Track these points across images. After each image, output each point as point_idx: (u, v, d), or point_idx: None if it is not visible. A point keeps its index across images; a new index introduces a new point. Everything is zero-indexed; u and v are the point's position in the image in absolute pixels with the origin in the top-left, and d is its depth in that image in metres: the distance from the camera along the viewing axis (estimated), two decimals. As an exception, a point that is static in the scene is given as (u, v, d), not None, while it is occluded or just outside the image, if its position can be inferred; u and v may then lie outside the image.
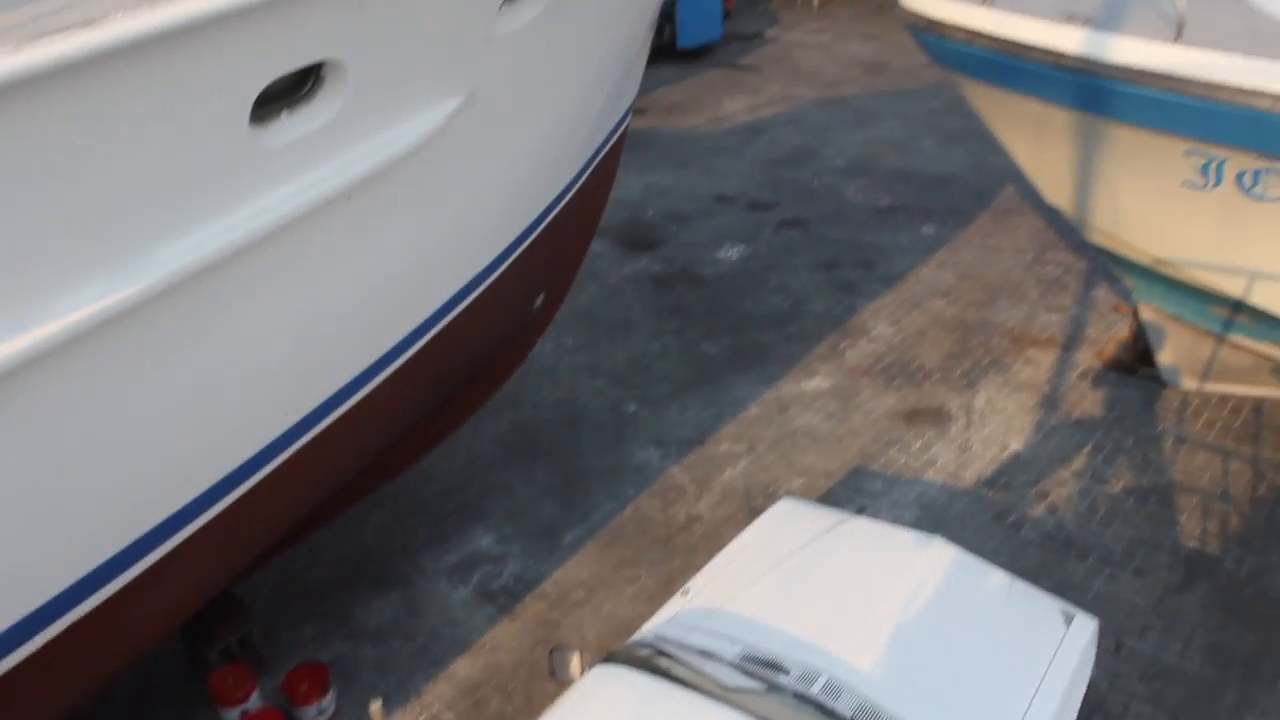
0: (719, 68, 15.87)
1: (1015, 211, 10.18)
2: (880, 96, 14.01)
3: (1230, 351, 6.49)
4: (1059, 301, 8.56)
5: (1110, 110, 5.10)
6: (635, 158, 11.95)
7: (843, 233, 9.97)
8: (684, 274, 9.27)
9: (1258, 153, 4.77)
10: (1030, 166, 6.22)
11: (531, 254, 5.18)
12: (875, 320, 8.39)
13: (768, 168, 11.72)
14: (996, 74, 5.49)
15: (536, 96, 4.25)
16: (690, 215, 10.50)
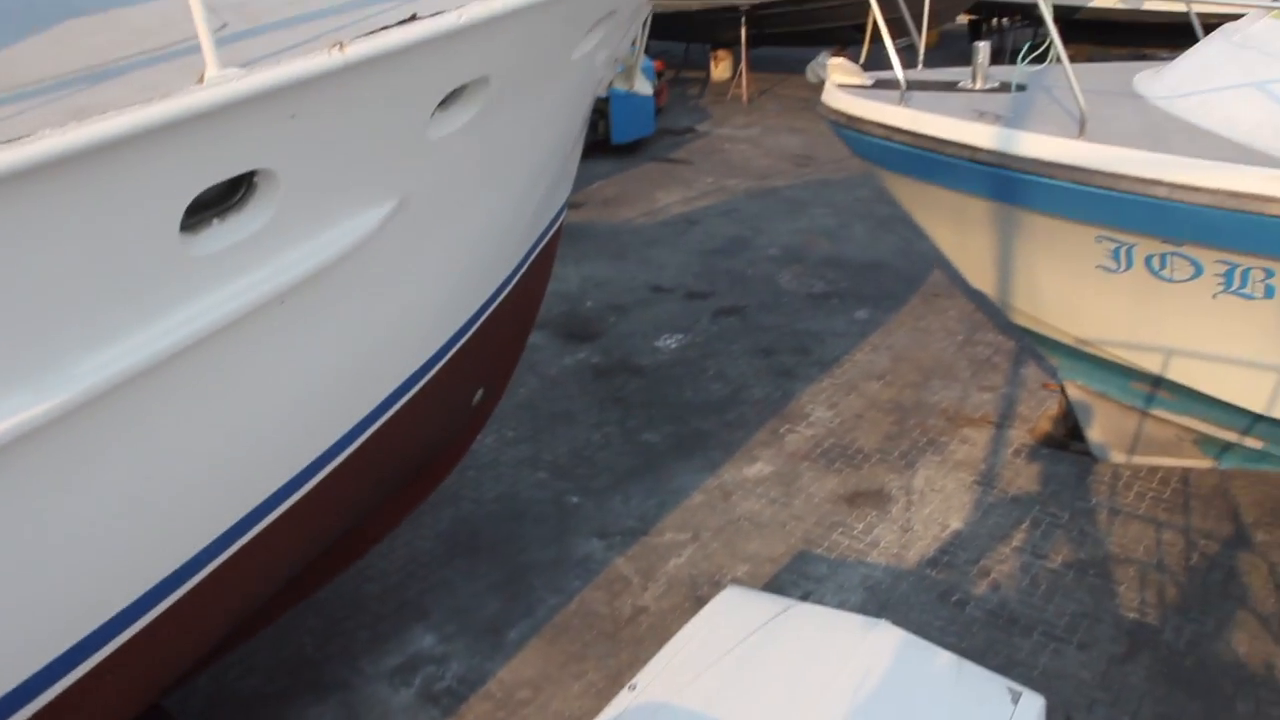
0: (653, 162, 16.27)
1: (944, 294, 10.49)
2: (810, 186, 14.45)
3: (1154, 425, 6.70)
4: (990, 381, 8.78)
5: (1024, 200, 5.35)
6: (572, 250, 12.11)
7: (779, 319, 10.16)
8: (623, 364, 9.34)
9: (1162, 238, 5.02)
10: (953, 253, 6.45)
11: (469, 350, 5.19)
12: (814, 405, 8.50)
13: (703, 257, 11.96)
14: (915, 167, 5.74)
15: (471, 197, 4.32)
16: (628, 306, 10.63)
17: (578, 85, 4.98)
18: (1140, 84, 6.13)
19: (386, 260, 3.89)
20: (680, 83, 22.67)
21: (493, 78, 3.82)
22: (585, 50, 4.58)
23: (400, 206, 3.72)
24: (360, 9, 3.45)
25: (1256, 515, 6.88)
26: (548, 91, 4.53)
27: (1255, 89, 5.15)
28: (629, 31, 5.72)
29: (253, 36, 3.18)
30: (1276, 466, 6.49)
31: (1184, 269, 5.16)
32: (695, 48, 24.42)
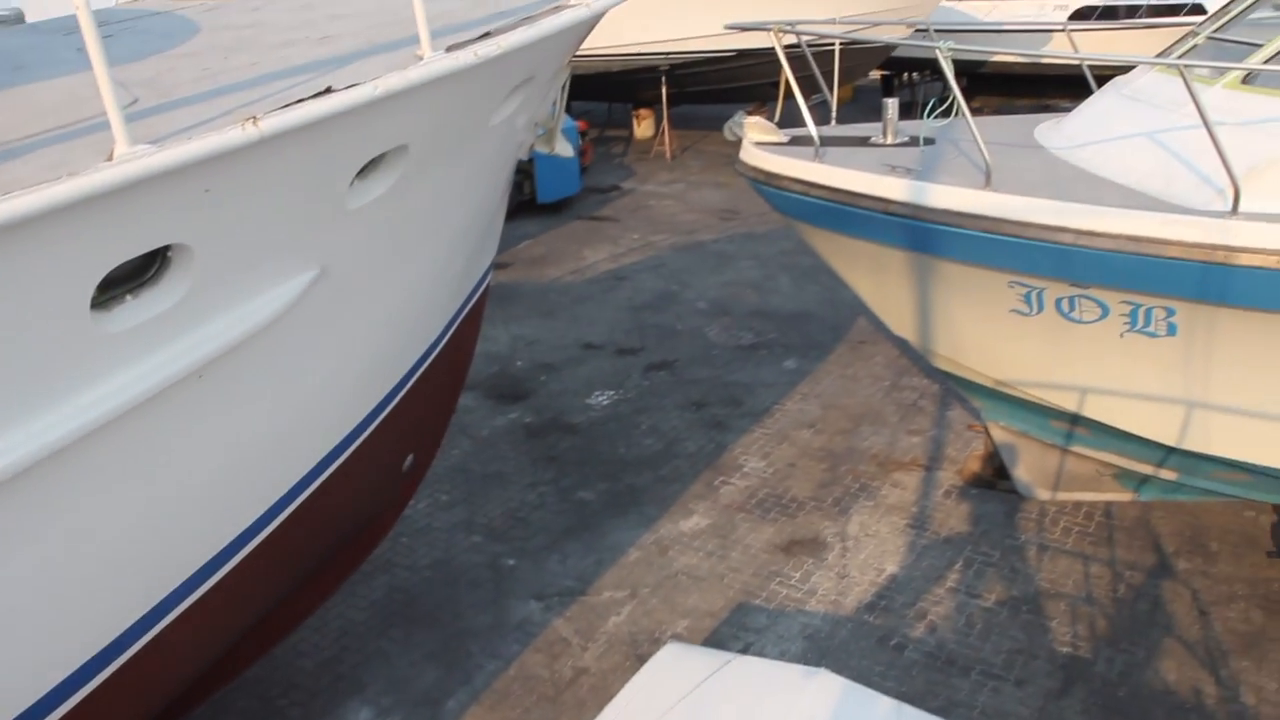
0: (579, 220, 16.40)
1: (869, 341, 10.69)
2: (735, 240, 14.70)
3: (1075, 461, 6.88)
4: (918, 424, 8.95)
5: (938, 250, 5.52)
6: (501, 310, 12.10)
7: (709, 372, 10.25)
8: (556, 422, 9.31)
9: (1069, 282, 5.22)
10: (874, 302, 6.61)
11: (397, 417, 5.14)
12: (747, 455, 8.56)
13: (632, 313, 12.04)
14: (832, 221, 5.90)
15: (393, 264, 4.31)
16: (559, 364, 10.63)
17: (498, 149, 5.03)
18: (1041, 135, 6.41)
19: (307, 330, 3.85)
20: (604, 141, 22.99)
21: (411, 146, 3.84)
22: (504, 115, 4.63)
23: (320, 276, 3.69)
24: (276, 81, 3.45)
25: (1177, 544, 7.08)
26: (468, 157, 4.56)
27: (1146, 138, 5.42)
28: (548, 95, 5.80)
29: (165, 111, 3.16)
30: (1192, 496, 6.71)
31: (1091, 310, 5.36)
32: (618, 107, 24.82)
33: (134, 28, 5.01)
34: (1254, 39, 5.75)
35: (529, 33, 3.92)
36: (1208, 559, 6.92)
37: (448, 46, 3.62)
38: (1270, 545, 7.09)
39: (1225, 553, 6.99)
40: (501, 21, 4.02)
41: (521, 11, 4.22)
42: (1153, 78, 5.97)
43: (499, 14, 4.23)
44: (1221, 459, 5.85)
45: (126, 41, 4.59)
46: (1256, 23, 6.18)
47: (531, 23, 4.01)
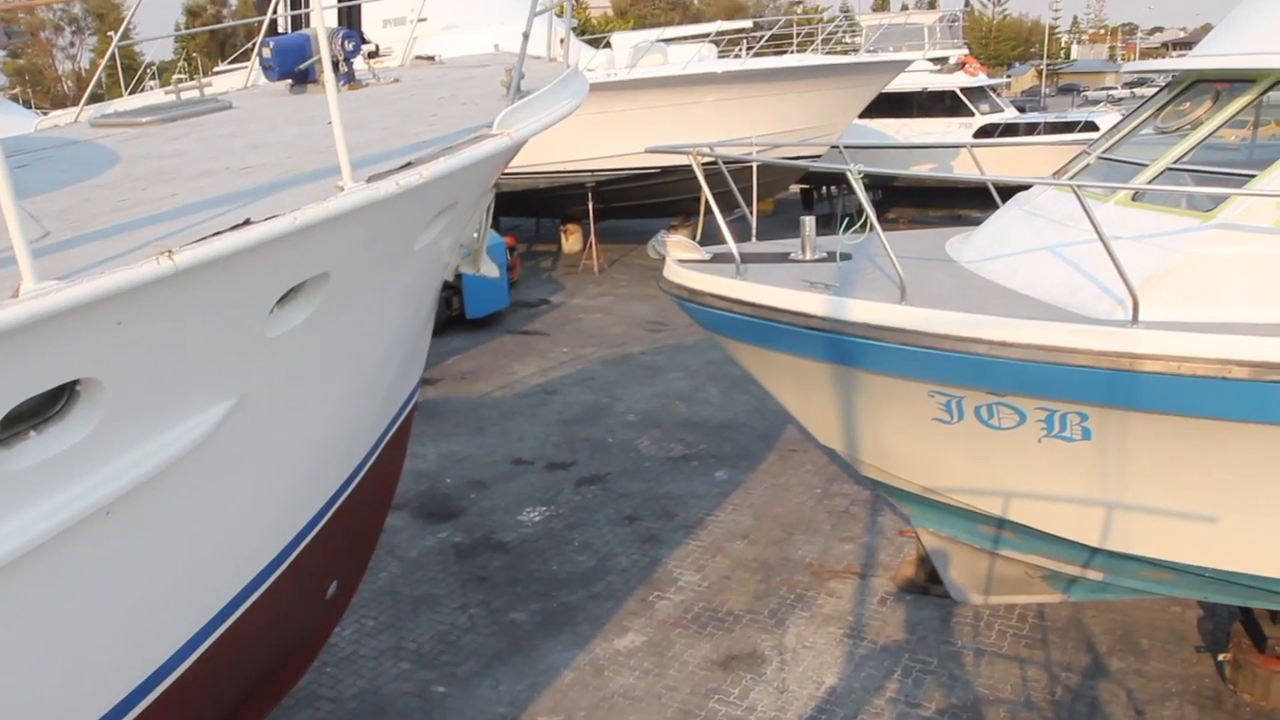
0: (509, 334, 16.46)
1: (800, 449, 10.79)
2: (664, 351, 14.86)
3: (1004, 565, 6.94)
4: (850, 531, 8.98)
5: (859, 362, 5.65)
6: (429, 428, 11.96)
7: (641, 485, 10.21)
8: (486, 541, 9.13)
9: (987, 390, 5.37)
10: (800, 413, 6.70)
11: (320, 543, 4.99)
12: (681, 569, 8.47)
13: (563, 427, 12.01)
14: (756, 336, 6.01)
15: (315, 390, 4.26)
16: (489, 481, 10.49)
17: (422, 273, 5.06)
18: (951, 249, 6.68)
19: (224, 461, 3.74)
20: (533, 256, 23.31)
21: (333, 273, 3.84)
22: (428, 240, 4.67)
23: (238, 406, 3.62)
24: (194, 213, 3.44)
25: (1109, 643, 7.15)
26: (391, 282, 4.57)
27: (1048, 252, 5.68)
28: (473, 218, 5.89)
29: (77, 245, 3.12)
30: (1120, 595, 6.80)
31: (1009, 417, 5.50)
32: (546, 222, 25.29)
33: (51, 157, 4.97)
34: (1139, 159, 6.13)
35: (451, 162, 3.99)
36: (1140, 657, 6.99)
37: (369, 176, 3.66)
38: (1198, 640, 7.20)
39: (1156, 650, 7.07)
40: (424, 151, 4.09)
41: (444, 141, 4.30)
42: (1051, 195, 6.29)
43: (421, 143, 4.30)
44: (1143, 558, 5.96)
45: (42, 171, 4.55)
46: (1141, 142, 6.60)
47: (453, 152, 4.08)
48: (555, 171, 20.30)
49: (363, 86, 6.65)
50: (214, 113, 6.06)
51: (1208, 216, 5.26)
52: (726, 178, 6.60)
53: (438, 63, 8.25)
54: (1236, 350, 4.73)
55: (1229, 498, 5.42)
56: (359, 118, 5.24)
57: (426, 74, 7.37)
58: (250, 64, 7.87)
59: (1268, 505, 5.35)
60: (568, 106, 5.25)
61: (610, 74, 19.37)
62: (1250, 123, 6.49)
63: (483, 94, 5.69)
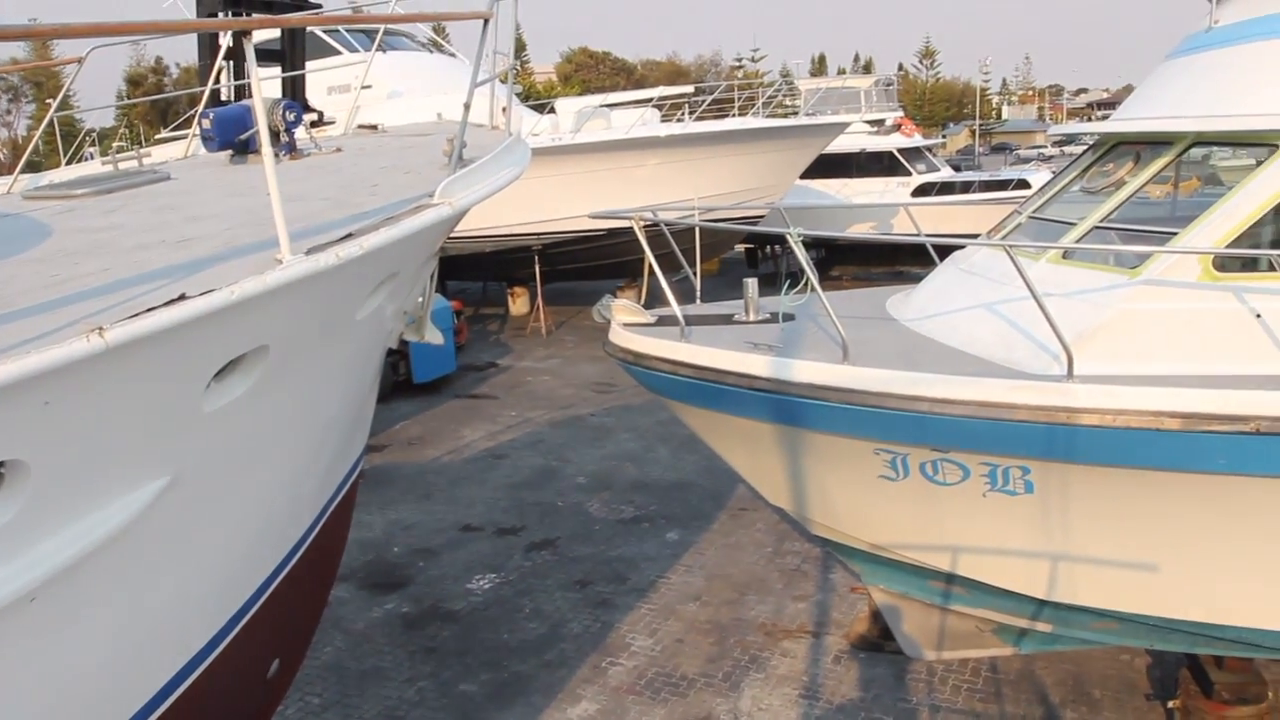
0: (456, 399, 16.34)
1: (750, 508, 10.78)
2: (613, 412, 14.84)
3: (955, 619, 6.96)
4: (803, 589, 8.96)
5: (804, 422, 5.70)
6: (376, 496, 11.77)
7: (591, 549, 10.11)
8: (435, 611, 8.94)
9: (930, 447, 5.44)
10: (748, 474, 6.72)
11: (261, 620, 4.84)
12: (634, 633, 8.36)
13: (512, 492, 11.89)
14: (702, 398, 6.04)
15: (254, 465, 4.17)
16: (437, 548, 10.31)
17: (365, 342, 5.02)
18: (892, 308, 6.80)
19: (158, 540, 3.64)
20: (480, 319, 23.26)
21: (272, 346, 3.79)
22: (370, 310, 4.64)
23: (172, 483, 3.52)
24: (127, 288, 3.38)
25: (1062, 694, 7.18)
26: (332, 352, 4.53)
27: (985, 310, 5.81)
28: (416, 286, 5.87)
29: (4, 323, 3.05)
30: (1070, 646, 6.83)
31: (954, 473, 5.57)
32: (493, 285, 25.30)
33: (-19, 231, 4.88)
34: (1068, 217, 6.33)
35: (391, 232, 3.98)
36: (1092, 707, 7.02)
37: (308, 249, 3.63)
38: (1148, 688, 7.26)
39: (1107, 700, 7.11)
40: (365, 222, 4.08)
41: (385, 211, 4.30)
42: (986, 253, 6.45)
43: (362, 214, 4.30)
44: (1090, 609, 6.01)
45: None
46: (1070, 201, 6.82)
47: (394, 223, 4.08)
48: (502, 235, 20.38)
49: (304, 156, 6.64)
50: (151, 184, 6.01)
51: (1134, 273, 5.43)
52: (669, 240, 6.68)
53: (380, 131, 8.29)
54: (1168, 402, 4.85)
55: (1168, 546, 5.51)
56: (300, 188, 5.23)
57: (369, 143, 7.39)
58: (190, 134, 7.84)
59: (1204, 553, 5.45)
60: (510, 175, 5.29)
61: (555, 139, 19.61)
62: (1172, 181, 6.75)
63: (424, 163, 5.71)
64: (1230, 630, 5.76)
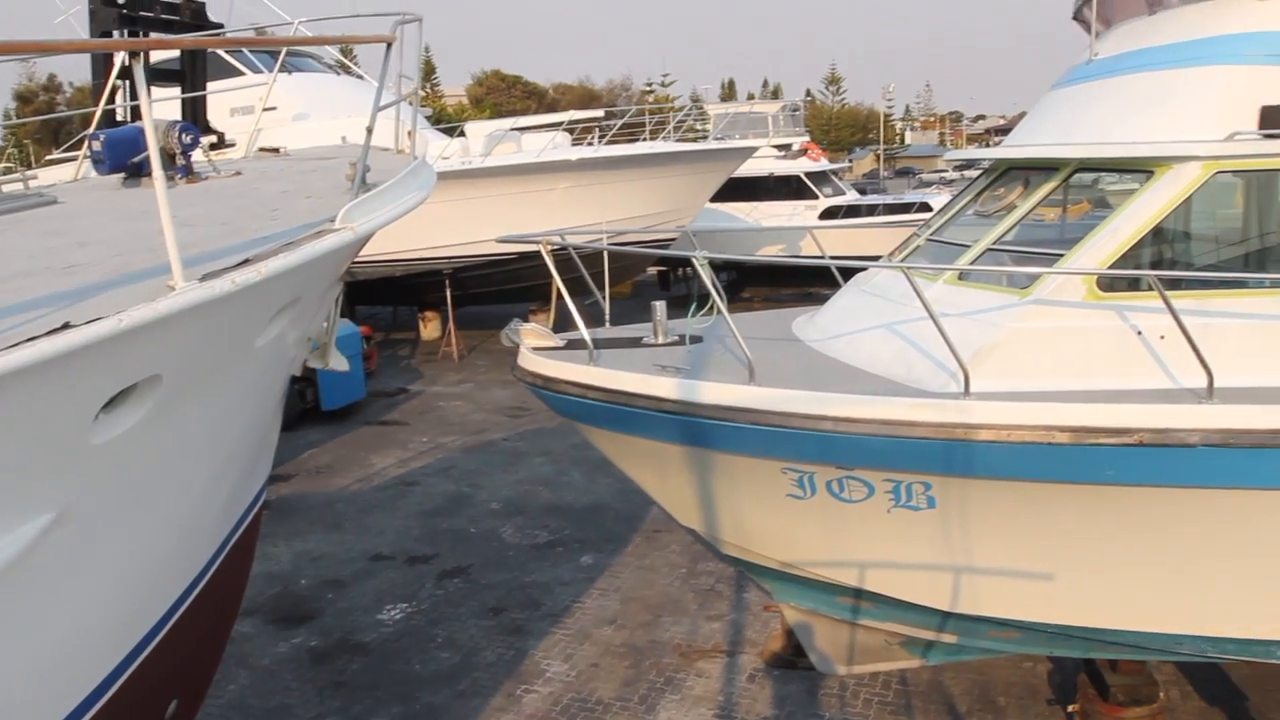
0: (366, 425, 16.04)
1: (664, 530, 10.81)
2: (526, 436, 14.75)
3: (864, 634, 7.08)
4: (717, 609, 9.01)
5: (712, 443, 5.76)
6: (283, 526, 11.46)
7: (505, 575, 10.00)
8: (344, 643, 8.73)
9: (836, 465, 5.55)
10: (659, 495, 6.75)
11: (157, 660, 4.66)
12: (549, 659, 8.29)
13: (423, 519, 11.70)
14: (611, 421, 6.06)
15: (147, 499, 4.02)
16: (346, 579, 10.08)
17: (265, 370, 4.89)
18: (797, 329, 6.93)
19: (44, 577, 3.48)
20: (390, 344, 22.90)
21: (166, 375, 3.67)
22: (270, 337, 4.54)
23: (58, 519, 3.38)
24: (9, 316, 3.24)
25: (968, 703, 7.36)
26: (231, 381, 4.41)
27: (886, 330, 5.97)
28: (320, 312, 5.76)
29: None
30: (975, 655, 7.02)
31: (859, 490, 5.69)
32: (404, 310, 24.95)
33: None
34: (963, 240, 6.55)
35: (291, 258, 3.91)
36: (997, 714, 7.21)
37: (202, 275, 3.54)
38: (1049, 693, 7.49)
39: (1012, 706, 7.31)
40: (263, 247, 4.00)
41: (285, 236, 4.22)
42: (886, 275, 6.64)
43: (261, 239, 4.20)
44: (991, 619, 6.19)
45: None
46: (965, 224, 7.06)
47: (294, 248, 4.00)
48: (411, 259, 20.15)
49: (202, 179, 6.48)
50: (37, 208, 5.78)
51: (1025, 293, 5.64)
52: (578, 264, 6.70)
53: (283, 155, 8.13)
54: (1057, 417, 5.05)
55: (1062, 556, 5.72)
56: (196, 213, 5.09)
57: (270, 166, 7.25)
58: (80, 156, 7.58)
59: (1096, 561, 5.67)
60: (415, 199, 5.24)
61: (465, 162, 19.50)
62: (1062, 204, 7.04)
63: (327, 187, 5.62)
64: (1122, 634, 5.99)
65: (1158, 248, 5.91)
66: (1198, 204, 5.82)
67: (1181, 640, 5.89)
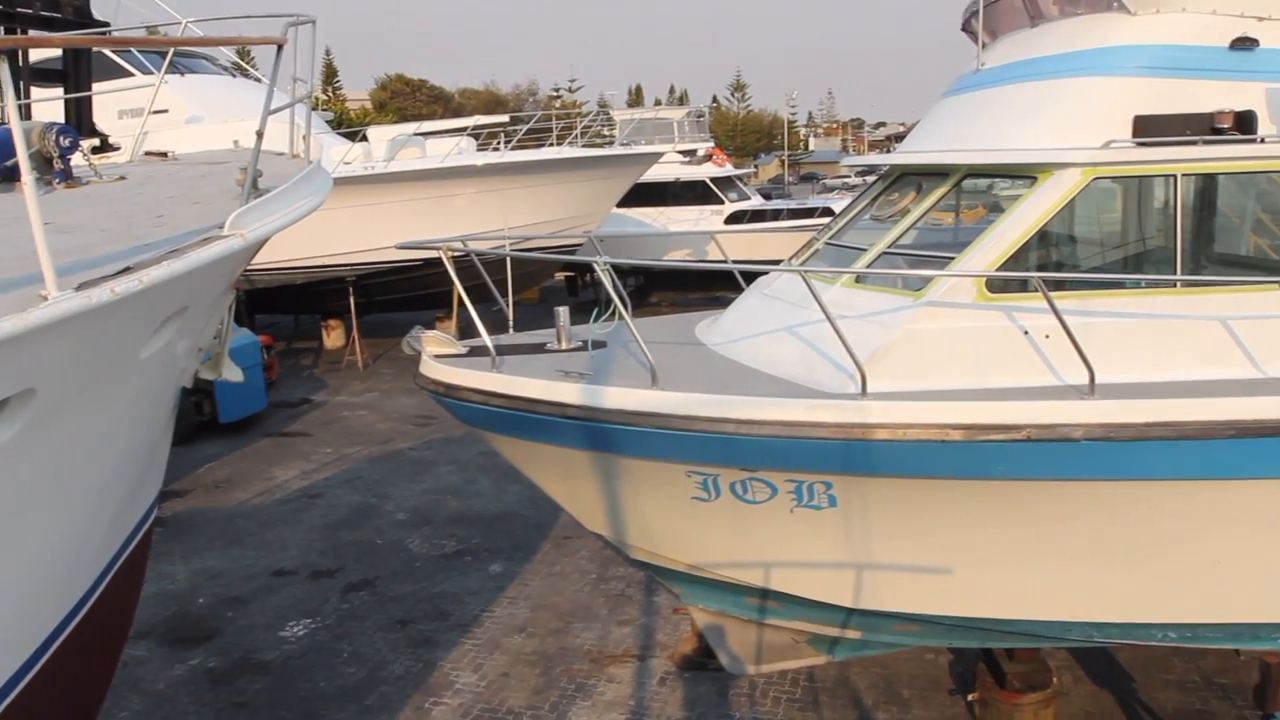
0: (267, 437, 15.61)
1: (574, 536, 10.78)
2: (433, 445, 14.55)
3: (771, 633, 7.17)
4: (628, 614, 9.02)
5: (617, 448, 5.76)
6: (179, 544, 11.07)
7: (413, 586, 9.84)
8: (245, 663, 8.46)
9: (739, 467, 5.61)
10: (566, 502, 6.72)
11: (39, 687, 4.45)
12: (458, 670, 8.18)
13: (327, 532, 11.43)
14: (515, 428, 6.01)
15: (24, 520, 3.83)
16: (247, 596, 9.78)
17: (152, 383, 4.71)
18: (700, 333, 6.99)
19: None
20: (292, 354, 22.34)
21: (40, 390, 3.50)
22: (156, 348, 4.37)
23: (-77, 544, 3.20)
24: None
25: (874, 697, 7.52)
26: (113, 394, 4.23)
27: (786, 332, 6.06)
28: (211, 321, 5.58)
29: None
30: (879, 650, 7.17)
31: (762, 491, 5.76)
32: (306, 318, 24.37)
33: None
34: (861, 244, 6.70)
35: (176, 266, 3.77)
36: (902, 706, 7.39)
37: (79, 284, 3.39)
38: (951, 684, 7.71)
39: (916, 698, 7.50)
40: (146, 255, 3.85)
41: (170, 243, 4.07)
42: (787, 278, 6.74)
43: (144, 246, 4.05)
44: (893, 613, 6.33)
45: None
46: (863, 228, 7.22)
47: (179, 255, 3.87)
48: (313, 266, 19.70)
49: (82, 184, 6.21)
50: (-97, 216, 5.46)
51: (919, 295, 5.79)
52: (481, 271, 6.64)
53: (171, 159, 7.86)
54: (950, 415, 5.19)
55: (959, 550, 5.89)
56: (75, 218, 4.88)
57: (157, 171, 6.99)
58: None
59: (990, 554, 5.85)
60: (309, 204, 5.12)
61: (368, 167, 19.15)
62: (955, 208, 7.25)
63: (217, 193, 5.45)
64: (1017, 624, 6.19)
65: (1043, 250, 6.14)
66: (1079, 208, 6.07)
67: (1071, 627, 6.12)
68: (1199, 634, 6.03)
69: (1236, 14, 5.99)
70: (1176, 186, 5.87)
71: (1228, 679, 7.59)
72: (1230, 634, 6.02)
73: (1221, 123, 5.82)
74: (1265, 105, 5.88)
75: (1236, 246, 6.46)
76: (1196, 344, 5.59)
